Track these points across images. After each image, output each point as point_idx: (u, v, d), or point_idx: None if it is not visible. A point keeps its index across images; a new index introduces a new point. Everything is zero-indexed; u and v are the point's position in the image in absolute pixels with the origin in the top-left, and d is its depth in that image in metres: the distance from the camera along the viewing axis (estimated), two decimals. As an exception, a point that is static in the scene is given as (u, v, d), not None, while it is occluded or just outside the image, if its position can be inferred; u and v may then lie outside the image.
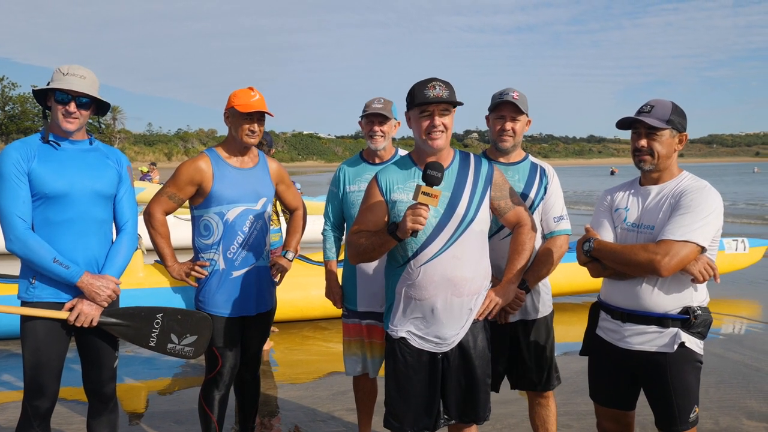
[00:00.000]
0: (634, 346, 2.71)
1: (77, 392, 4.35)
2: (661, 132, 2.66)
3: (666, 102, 2.71)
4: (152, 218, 3.33)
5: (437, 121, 2.65)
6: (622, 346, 2.75)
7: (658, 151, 2.67)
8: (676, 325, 2.64)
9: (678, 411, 2.66)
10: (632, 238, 2.72)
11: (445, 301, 2.68)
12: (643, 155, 2.70)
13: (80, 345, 2.97)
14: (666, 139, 2.67)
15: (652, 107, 2.69)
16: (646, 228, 2.68)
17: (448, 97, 2.64)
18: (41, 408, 2.83)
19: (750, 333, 6.81)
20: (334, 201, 3.66)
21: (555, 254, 3.16)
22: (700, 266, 2.58)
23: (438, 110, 2.65)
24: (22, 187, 2.73)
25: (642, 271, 2.59)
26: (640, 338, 2.69)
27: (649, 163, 2.70)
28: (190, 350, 3.12)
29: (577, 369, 5.34)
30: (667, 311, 2.65)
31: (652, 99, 2.75)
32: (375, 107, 3.53)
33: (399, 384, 2.78)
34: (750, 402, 4.66)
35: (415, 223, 2.47)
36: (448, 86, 2.67)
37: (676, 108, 2.70)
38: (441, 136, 2.67)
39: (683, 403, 2.66)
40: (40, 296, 2.81)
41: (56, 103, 2.78)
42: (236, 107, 3.24)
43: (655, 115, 2.67)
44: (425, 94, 2.64)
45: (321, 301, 4.68)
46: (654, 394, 2.72)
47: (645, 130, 2.68)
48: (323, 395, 4.92)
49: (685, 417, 2.66)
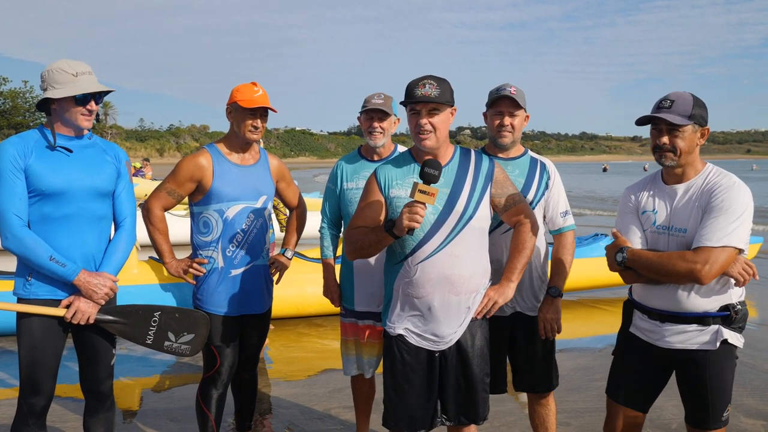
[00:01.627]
0: (674, 345, 2.65)
1: (73, 389, 4.32)
2: (683, 128, 2.58)
3: (686, 95, 2.62)
4: (151, 214, 3.30)
5: (423, 121, 2.62)
6: (661, 346, 2.70)
7: (680, 148, 2.59)
8: (717, 323, 2.60)
9: (713, 409, 2.63)
10: (663, 241, 2.66)
11: (442, 299, 2.67)
12: (665, 152, 2.62)
13: (77, 342, 2.94)
14: (688, 135, 2.59)
15: (672, 102, 2.60)
16: (678, 231, 2.62)
17: (437, 97, 2.59)
18: (37, 406, 2.80)
19: (745, 331, 6.81)
20: (331, 198, 3.62)
21: (570, 252, 3.21)
22: (739, 268, 2.53)
23: (425, 110, 2.62)
24: (18, 184, 2.69)
25: (681, 280, 2.54)
26: (681, 337, 2.64)
27: (671, 159, 2.62)
28: (187, 348, 3.10)
29: (573, 366, 5.35)
30: (707, 311, 2.60)
31: (672, 92, 2.66)
32: (375, 103, 3.46)
33: (396, 381, 2.76)
34: (747, 400, 4.67)
35: (412, 221, 2.45)
36: (440, 85, 2.62)
37: (697, 101, 2.61)
38: (429, 136, 2.63)
39: (719, 401, 2.63)
40: (36, 293, 2.78)
41: (75, 104, 2.76)
42: (240, 102, 3.19)
43: (677, 111, 2.57)
44: (414, 93, 2.61)
45: (316, 298, 4.66)
46: (690, 392, 2.69)
47: (666, 126, 2.60)
48: (319, 393, 4.90)
49: (719, 415, 2.64)
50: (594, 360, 5.61)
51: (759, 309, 7.79)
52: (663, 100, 2.64)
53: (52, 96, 2.73)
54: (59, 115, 2.80)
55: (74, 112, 2.78)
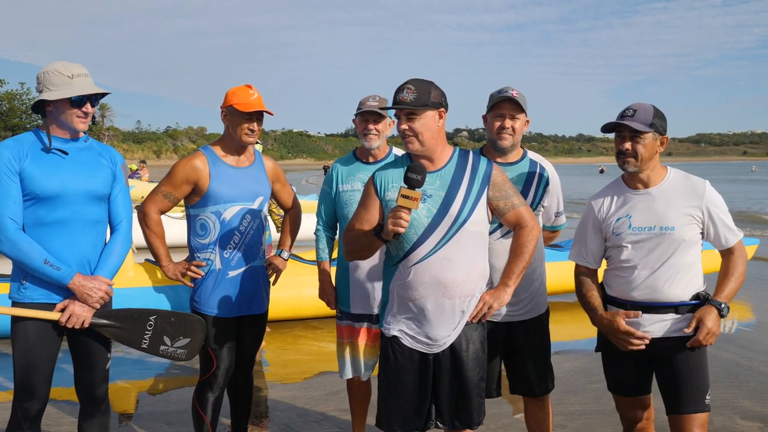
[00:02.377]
0: (654, 334, 2.81)
1: (68, 393, 4.30)
2: (644, 135, 2.78)
3: (648, 106, 2.84)
4: (147, 217, 3.28)
5: (402, 127, 2.64)
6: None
7: (641, 154, 2.80)
8: (691, 310, 2.80)
9: (695, 391, 2.78)
10: (654, 240, 2.81)
11: (435, 303, 2.66)
12: (627, 157, 2.82)
13: (72, 346, 2.93)
14: (649, 142, 2.80)
15: (635, 111, 2.81)
16: (666, 229, 2.80)
17: (413, 101, 2.59)
18: (31, 410, 2.79)
19: (741, 332, 6.84)
20: (327, 200, 3.61)
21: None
22: None
23: (403, 114, 2.63)
24: (13, 187, 2.68)
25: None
26: (659, 326, 2.82)
27: (633, 165, 2.82)
28: (183, 352, 3.09)
29: (569, 369, 5.34)
30: (682, 300, 2.82)
31: (634, 103, 2.87)
32: (370, 105, 3.45)
33: (389, 382, 2.76)
34: (743, 401, 4.67)
35: (396, 225, 2.46)
36: (419, 88, 2.61)
37: (657, 112, 2.83)
38: (410, 140, 2.64)
39: (701, 384, 2.79)
40: (31, 297, 2.77)
41: (71, 107, 2.75)
42: (236, 106, 3.19)
43: (638, 119, 2.79)
44: (395, 98, 2.64)
45: (313, 300, 4.65)
46: (671, 378, 2.83)
47: (629, 133, 2.80)
48: (316, 395, 4.89)
49: (702, 398, 2.78)
50: (590, 362, 5.58)
51: (755, 311, 7.81)
52: (626, 110, 2.86)
53: (48, 98, 2.73)
54: (55, 117, 2.79)
55: (70, 114, 2.77)
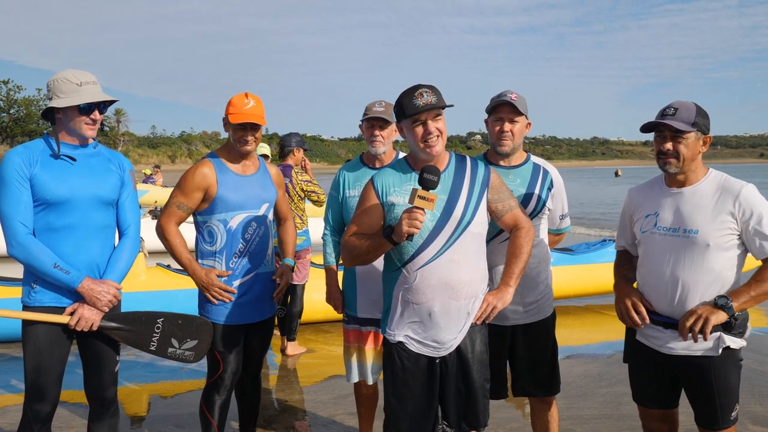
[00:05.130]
0: (678, 351, 2.71)
1: (78, 395, 4.35)
2: (686, 135, 2.65)
3: (689, 104, 2.69)
4: (166, 232, 3.27)
5: (431, 127, 2.64)
6: (664, 352, 2.75)
7: (683, 154, 2.66)
8: (718, 329, 2.63)
9: (721, 410, 2.69)
10: (677, 243, 2.69)
11: (442, 305, 2.67)
12: (668, 158, 2.68)
13: (82, 349, 2.97)
14: (691, 142, 2.66)
15: (676, 109, 2.67)
16: (690, 232, 2.67)
17: (437, 102, 2.63)
18: (42, 412, 2.83)
19: (755, 336, 6.75)
20: (334, 205, 3.63)
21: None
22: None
23: (430, 117, 2.65)
24: (24, 193, 2.73)
25: None
26: (684, 343, 2.67)
27: (675, 166, 2.68)
28: (191, 354, 3.12)
29: (580, 373, 5.32)
30: None
31: (675, 101, 2.73)
32: (376, 111, 3.48)
33: (396, 389, 2.77)
34: (755, 407, 4.63)
35: (411, 226, 2.48)
36: (434, 91, 2.66)
37: (700, 110, 2.69)
38: (438, 141, 2.66)
39: (726, 402, 2.69)
40: (41, 301, 2.82)
41: (79, 114, 2.80)
42: (228, 117, 3.23)
43: (680, 118, 2.65)
44: (415, 104, 2.63)
45: (322, 305, 4.67)
46: (697, 395, 2.75)
47: (670, 133, 2.67)
48: (324, 399, 4.91)
49: (728, 416, 2.70)
50: (602, 367, 5.58)
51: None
52: (667, 108, 2.71)
53: (57, 105, 2.77)
54: (64, 124, 2.84)
55: (78, 121, 2.81)
